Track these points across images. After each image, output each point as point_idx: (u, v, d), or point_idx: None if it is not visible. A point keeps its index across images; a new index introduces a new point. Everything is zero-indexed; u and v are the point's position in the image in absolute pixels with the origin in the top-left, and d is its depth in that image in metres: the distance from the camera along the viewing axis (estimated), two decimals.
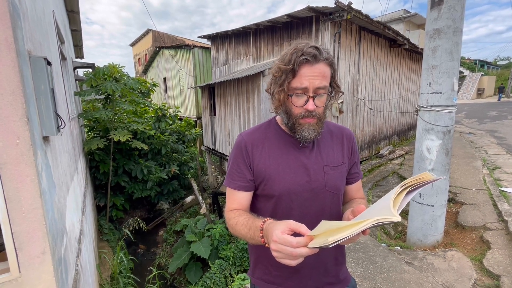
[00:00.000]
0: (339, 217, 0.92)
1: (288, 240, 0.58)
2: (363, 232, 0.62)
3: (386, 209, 0.53)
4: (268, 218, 0.73)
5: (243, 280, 2.68)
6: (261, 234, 0.71)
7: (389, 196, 0.57)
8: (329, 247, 0.53)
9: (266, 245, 0.70)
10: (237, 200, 0.89)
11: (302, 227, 0.61)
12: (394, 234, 3.26)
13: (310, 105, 0.77)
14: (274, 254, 0.61)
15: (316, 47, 0.76)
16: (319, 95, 0.78)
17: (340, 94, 0.85)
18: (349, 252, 2.67)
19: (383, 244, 2.89)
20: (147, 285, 3.82)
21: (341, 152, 0.93)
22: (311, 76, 0.75)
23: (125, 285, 3.64)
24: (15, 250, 1.19)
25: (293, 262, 0.60)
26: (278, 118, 0.94)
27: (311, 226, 0.64)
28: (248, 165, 0.87)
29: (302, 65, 0.75)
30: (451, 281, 2.24)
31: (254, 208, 0.92)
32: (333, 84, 0.82)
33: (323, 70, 0.77)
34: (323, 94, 0.78)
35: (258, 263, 0.95)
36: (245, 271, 4.14)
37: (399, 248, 2.82)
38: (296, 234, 0.61)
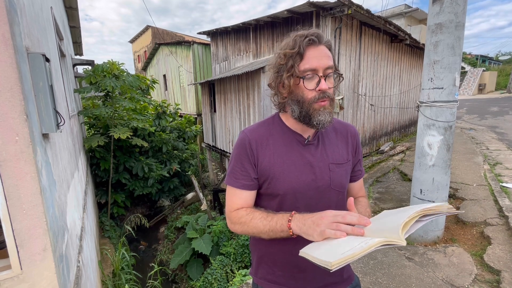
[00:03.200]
0: None
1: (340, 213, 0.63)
2: None
3: (395, 231, 0.53)
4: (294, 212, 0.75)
5: (244, 276, 2.69)
6: (289, 219, 0.71)
7: (402, 218, 0.56)
8: (331, 271, 0.52)
9: (290, 231, 0.71)
10: (241, 200, 0.85)
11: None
12: None
13: (323, 85, 0.75)
14: (323, 227, 0.63)
15: (317, 30, 0.77)
16: (329, 75, 0.77)
17: (341, 78, 0.84)
18: None
19: None
20: (149, 281, 3.85)
21: (345, 149, 0.92)
22: (319, 56, 0.75)
23: (127, 281, 3.67)
24: (16, 247, 1.19)
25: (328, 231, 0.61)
26: (282, 114, 0.91)
27: None
28: (253, 163, 0.84)
29: (308, 47, 0.74)
30: (451, 276, 2.24)
31: (257, 206, 0.89)
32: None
33: (327, 51, 0.77)
34: (331, 74, 0.78)
35: (261, 262, 0.93)
36: (246, 267, 4.16)
37: None
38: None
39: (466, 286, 2.13)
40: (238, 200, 0.85)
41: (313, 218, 0.66)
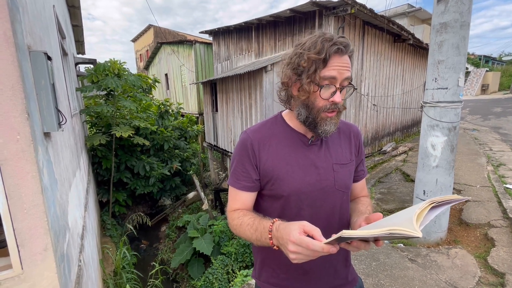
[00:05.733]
0: (348, 216, 0.90)
1: (305, 242, 0.57)
2: (377, 243, 0.61)
3: (408, 222, 0.51)
4: (276, 219, 0.71)
5: (246, 276, 2.68)
6: (269, 236, 0.68)
7: (414, 209, 0.55)
8: (342, 236, 0.53)
9: (275, 247, 0.68)
10: (240, 200, 0.85)
11: (315, 232, 0.59)
12: None
13: (338, 97, 0.74)
14: (292, 256, 0.60)
15: (344, 37, 0.74)
16: (344, 87, 0.75)
17: (354, 90, 0.81)
18: None
19: (385, 241, 2.88)
20: (150, 280, 3.85)
21: (349, 150, 0.91)
22: (341, 66, 0.72)
23: (128, 280, 3.67)
24: (17, 247, 1.19)
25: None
26: (284, 114, 0.89)
27: (321, 226, 0.62)
28: (254, 164, 0.83)
29: (333, 55, 0.71)
30: (455, 279, 2.22)
31: (259, 207, 0.88)
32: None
33: (349, 62, 0.74)
34: (347, 86, 0.76)
35: (264, 265, 0.92)
36: (247, 267, 4.15)
37: (402, 245, 2.81)
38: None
39: None
40: (237, 201, 0.85)
41: (281, 240, 0.64)
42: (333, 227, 0.85)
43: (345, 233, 0.52)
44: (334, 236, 0.55)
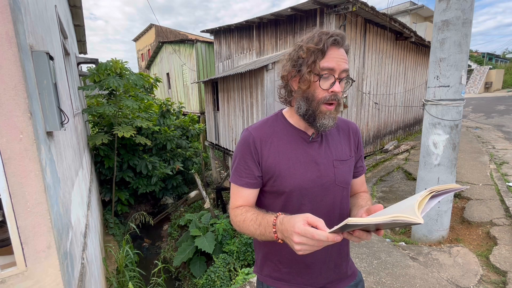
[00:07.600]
0: (348, 211, 0.92)
1: (310, 232, 0.58)
2: (378, 232, 0.63)
3: (410, 209, 0.52)
4: (279, 213, 0.73)
5: (247, 274, 2.69)
6: (274, 230, 0.70)
7: (415, 198, 0.56)
8: (347, 223, 0.54)
9: (280, 240, 0.69)
10: (243, 197, 0.86)
11: (319, 222, 0.60)
12: (399, 229, 3.24)
13: (337, 87, 0.76)
14: (297, 247, 0.61)
15: (341, 32, 0.77)
16: (343, 79, 0.78)
17: (352, 84, 0.84)
18: (353, 247, 2.67)
19: (387, 239, 2.88)
20: (152, 278, 3.87)
21: (348, 146, 0.93)
22: (339, 58, 0.75)
23: (131, 278, 3.69)
24: (21, 244, 1.20)
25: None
26: (285, 112, 0.91)
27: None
28: (257, 161, 0.84)
29: (331, 47, 0.75)
30: (456, 277, 2.22)
31: (261, 204, 0.90)
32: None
33: (345, 55, 0.77)
34: (345, 78, 0.78)
35: (266, 260, 0.94)
36: (248, 265, 4.16)
37: (403, 243, 2.81)
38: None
39: (472, 287, 2.11)
40: (240, 198, 0.86)
41: (285, 233, 0.65)
42: (334, 222, 0.86)
43: (350, 220, 0.54)
44: (339, 225, 0.56)
